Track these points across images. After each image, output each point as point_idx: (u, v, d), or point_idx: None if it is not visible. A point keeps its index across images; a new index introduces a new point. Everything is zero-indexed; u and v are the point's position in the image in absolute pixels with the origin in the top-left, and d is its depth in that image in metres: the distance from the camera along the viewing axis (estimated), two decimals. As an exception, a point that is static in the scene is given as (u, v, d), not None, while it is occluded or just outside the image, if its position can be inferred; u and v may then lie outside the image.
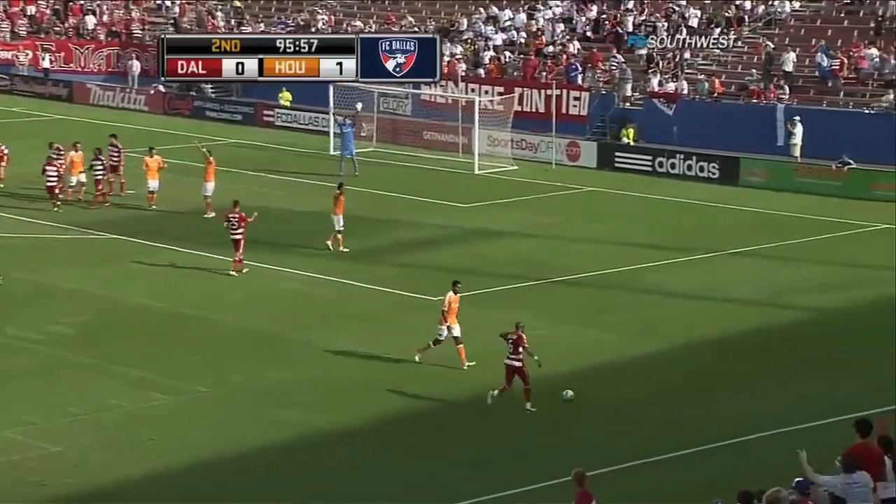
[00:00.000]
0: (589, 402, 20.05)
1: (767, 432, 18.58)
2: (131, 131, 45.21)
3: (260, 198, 33.40)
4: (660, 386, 20.84)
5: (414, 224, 32.42)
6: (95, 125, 46.74)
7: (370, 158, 41.50)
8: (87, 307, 24.78)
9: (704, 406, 19.92)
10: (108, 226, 31.28)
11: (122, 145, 36.10)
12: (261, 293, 26.11)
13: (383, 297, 25.87)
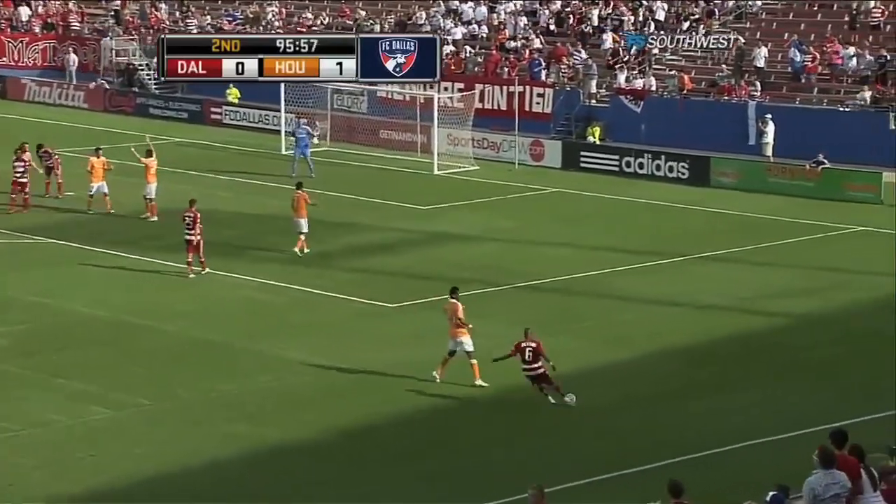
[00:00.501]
0: (556, 412, 20.15)
1: (741, 443, 18.75)
2: (70, 129, 44.88)
3: (207, 200, 33.18)
4: (629, 395, 20.98)
5: (370, 227, 32.43)
6: (30, 123, 46.32)
7: (324, 158, 41.44)
8: (22, 316, 24.55)
9: (676, 416, 20.08)
10: (45, 230, 31.01)
11: (58, 144, 35.82)
12: (210, 301, 26.01)
13: (339, 304, 25.87)
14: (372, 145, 42.80)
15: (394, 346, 23.16)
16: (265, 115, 46.03)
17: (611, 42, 44.99)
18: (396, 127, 43.29)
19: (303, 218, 29.39)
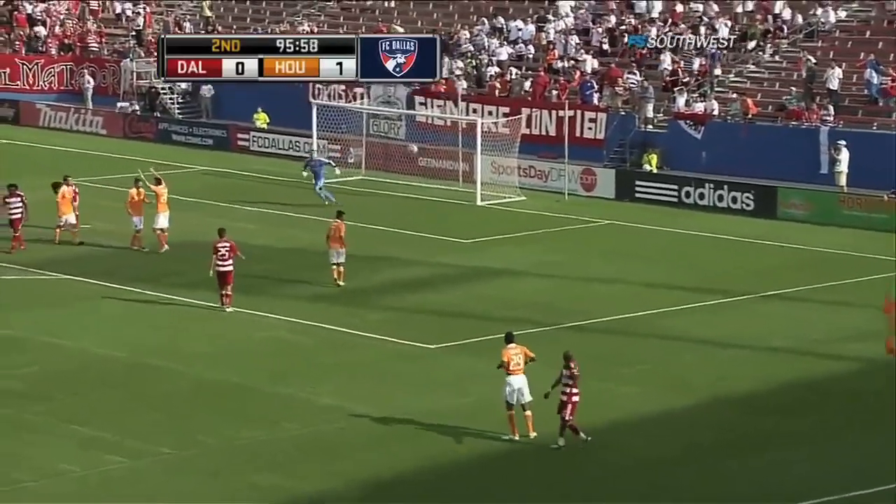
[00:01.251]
0: (609, 461, 20.12)
1: (808, 501, 18.61)
2: (87, 157, 45.49)
3: (233, 232, 33.44)
4: (687, 445, 20.92)
5: (408, 262, 32.58)
6: (46, 150, 46.99)
7: (358, 188, 41.72)
8: (35, 357, 24.85)
9: (737, 468, 19.99)
10: (60, 265, 31.41)
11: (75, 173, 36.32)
12: (234, 341, 26.21)
13: (374, 345, 25.98)
14: (410, 174, 43.05)
15: (434, 392, 23.22)
16: (295, 142, 46.46)
17: (669, 63, 45.09)
18: (437, 154, 43.51)
19: (339, 248, 29.61)
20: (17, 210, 32.50)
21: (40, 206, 36.27)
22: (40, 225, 34.77)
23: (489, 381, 21.70)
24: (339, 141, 44.09)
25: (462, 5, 53.52)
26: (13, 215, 32.42)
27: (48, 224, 34.74)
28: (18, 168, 42.28)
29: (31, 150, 46.98)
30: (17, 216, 32.46)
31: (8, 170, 40.07)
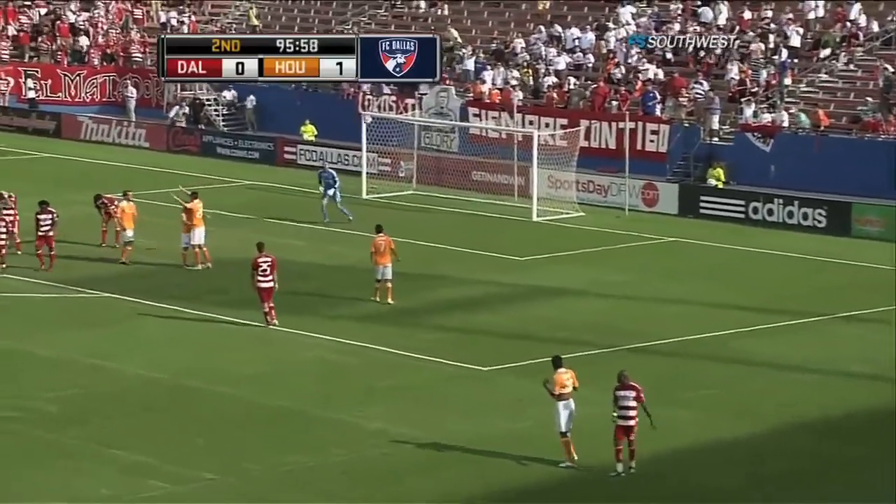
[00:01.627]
0: (669, 491, 20.00)
1: (885, 533, 18.40)
2: (130, 171, 45.96)
3: (279, 248, 33.66)
4: (751, 474, 20.77)
5: (461, 280, 32.61)
6: (87, 164, 47.53)
7: (409, 203, 41.85)
8: (74, 379, 25.11)
9: (811, 500, 19.79)
10: (101, 283, 31.74)
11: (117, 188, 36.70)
12: (279, 362, 26.35)
13: (425, 366, 26.01)
14: (463, 188, 43.13)
15: (487, 416, 23.21)
16: (344, 155, 46.68)
17: (736, 72, 44.88)
18: (491, 168, 43.56)
19: (387, 264, 29.71)
20: (46, 227, 32.65)
21: (81, 222, 36.72)
22: (82, 241, 35.20)
23: (545, 404, 21.65)
24: (389, 154, 44.27)
25: (518, 12, 53.60)
26: (41, 232, 32.54)
27: (90, 241, 35.15)
28: (59, 182, 42.84)
29: (73, 164, 47.54)
30: (47, 232, 32.54)
31: (49, 184, 40.59)
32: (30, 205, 34.12)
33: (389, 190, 43.01)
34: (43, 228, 32.73)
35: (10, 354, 26.33)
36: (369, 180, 43.09)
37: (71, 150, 50.35)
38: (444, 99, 47.71)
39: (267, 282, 27.94)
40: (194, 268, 32.85)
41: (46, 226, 32.75)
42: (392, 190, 43.05)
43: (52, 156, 49.31)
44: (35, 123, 54.49)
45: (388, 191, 42.97)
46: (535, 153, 40.76)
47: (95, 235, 35.22)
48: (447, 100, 47.69)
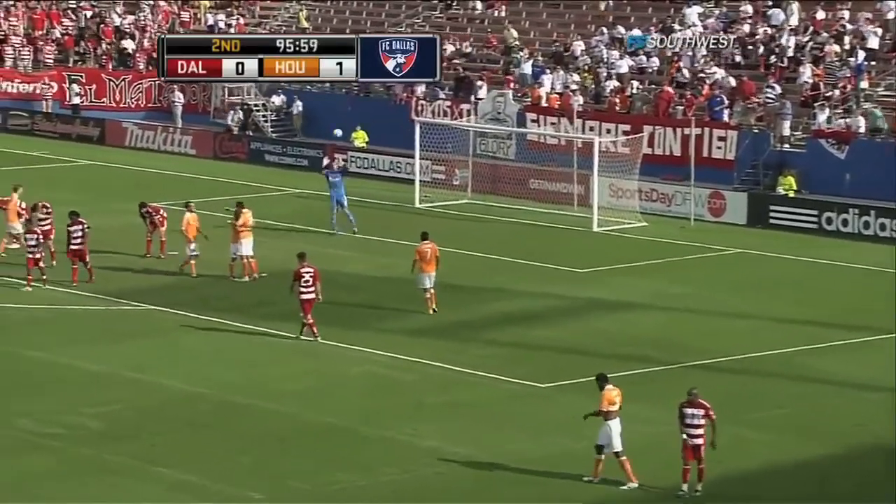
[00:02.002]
0: (735, 518, 19.89)
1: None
2: (176, 179, 46.37)
3: (328, 259, 33.92)
4: (827, 498, 20.61)
5: (517, 293, 32.61)
6: (131, 172, 48.00)
7: (463, 213, 41.90)
8: (117, 394, 25.35)
9: (883, 526, 19.62)
10: (145, 295, 32.03)
11: (161, 196, 37.03)
12: (327, 378, 26.47)
13: (480, 383, 26.02)
14: (520, 197, 43.14)
15: (544, 435, 23.18)
16: (396, 163, 46.87)
17: (809, 75, 44.58)
18: (549, 176, 43.55)
19: (432, 272, 29.79)
20: (77, 240, 32.57)
21: (125, 232, 37.10)
22: (126, 251, 35.55)
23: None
24: (443, 161, 44.39)
25: (579, 13, 53.57)
26: (73, 246, 32.48)
27: (134, 251, 35.50)
28: (103, 191, 43.31)
29: (117, 172, 48.04)
30: (77, 247, 32.49)
31: (92, 192, 41.03)
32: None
33: (443, 199, 43.08)
34: (74, 242, 32.64)
35: (52, 368, 26.64)
36: (422, 188, 43.21)
37: (115, 157, 50.87)
38: (500, 104, 47.78)
39: (308, 293, 28.08)
40: (241, 279, 33.07)
41: (77, 238, 32.64)
42: (446, 199, 43.13)
43: (95, 163, 49.84)
44: (79, 130, 55.13)
45: (442, 199, 43.04)
46: (595, 160, 40.69)
47: (140, 245, 35.56)
48: (504, 105, 47.76)
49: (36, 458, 22.04)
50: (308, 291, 28.13)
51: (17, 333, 28.71)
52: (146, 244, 35.41)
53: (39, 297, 31.31)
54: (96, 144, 53.74)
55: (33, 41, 60.12)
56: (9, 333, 28.68)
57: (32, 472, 21.62)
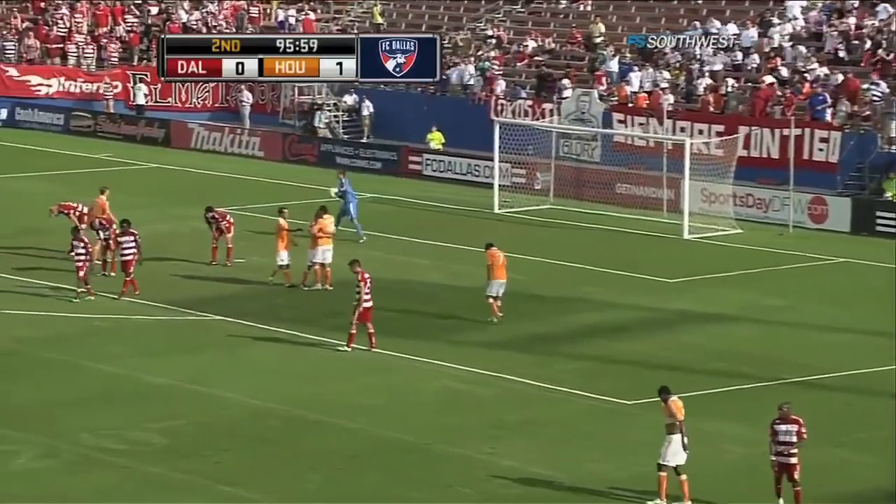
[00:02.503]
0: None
1: None
2: (244, 182, 46.83)
3: (400, 268, 34.11)
4: (933, 527, 20.36)
5: (602, 304, 32.56)
6: (197, 175, 48.51)
7: (545, 219, 41.90)
8: (181, 408, 25.66)
9: None
10: (210, 304, 32.38)
11: (228, 201, 37.34)
12: (401, 392, 26.61)
13: (561, 399, 26.03)
14: (606, 202, 43.06)
15: (630, 455, 23.14)
16: (475, 166, 46.96)
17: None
18: (637, 180, 43.44)
19: (502, 280, 29.86)
20: (128, 250, 32.54)
21: (190, 238, 37.53)
22: (190, 259, 35.95)
23: (696, 443, 21.53)
24: (524, 164, 44.42)
25: (670, 7, 53.38)
26: (125, 256, 32.56)
27: (198, 258, 35.88)
28: (167, 195, 43.84)
29: (182, 175, 48.58)
30: (128, 257, 32.55)
31: (156, 196, 41.54)
32: (137, 220, 34.81)
33: (524, 204, 43.11)
34: (125, 254, 32.57)
35: (115, 380, 27.01)
36: (502, 193, 43.27)
37: (180, 159, 51.36)
38: (585, 103, 47.74)
39: (368, 300, 28.20)
40: (313, 287, 33.26)
41: (129, 250, 32.47)
42: (527, 204, 43.15)
43: (160, 166, 50.45)
44: (143, 131, 55.74)
45: (523, 205, 43.07)
46: (686, 163, 40.52)
47: (205, 252, 35.96)
48: (589, 104, 47.72)
49: (99, 475, 22.36)
50: (369, 299, 28.24)
51: (78, 345, 29.14)
52: (212, 251, 35.77)
53: (100, 306, 31.75)
54: (161, 146, 54.29)
55: (97, 39, 60.94)
56: (69, 345, 29.13)
57: (96, 489, 21.91)
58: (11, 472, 22.35)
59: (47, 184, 46.00)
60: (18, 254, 35.89)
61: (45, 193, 42.13)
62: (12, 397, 25.78)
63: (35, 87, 59.24)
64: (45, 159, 51.21)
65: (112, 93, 58.39)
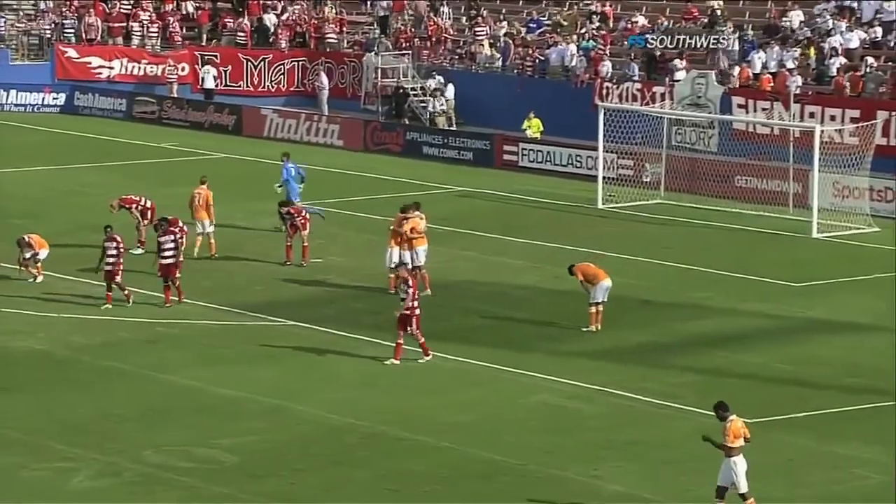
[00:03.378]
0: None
1: None
2: (321, 175, 47.06)
3: (492, 269, 34.11)
4: None
5: (718, 310, 32.37)
6: (270, 166, 48.85)
7: (655, 215, 41.73)
8: (254, 424, 25.82)
9: None
10: (285, 308, 32.58)
11: (306, 195, 37.60)
12: (494, 408, 26.61)
13: (673, 416, 25.90)
14: (723, 197, 42.83)
15: (753, 479, 22.97)
16: (576, 156, 46.89)
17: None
18: (759, 172, 43.15)
19: (603, 282, 29.89)
20: (168, 254, 32.01)
21: (264, 236, 37.83)
22: (263, 259, 36.23)
23: (826, 468, 21.31)
24: (632, 154, 44.25)
25: (797, -22, 52.98)
26: (164, 260, 32.00)
27: (272, 258, 36.14)
28: (237, 187, 44.19)
29: (254, 166, 48.97)
30: (168, 261, 32.00)
31: (226, 189, 41.85)
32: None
33: (631, 198, 42.97)
34: (164, 256, 32.02)
35: (182, 393, 27.25)
36: (606, 186, 43.16)
37: (252, 149, 51.73)
38: (701, 86, 47.46)
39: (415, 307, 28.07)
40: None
41: (169, 251, 32.01)
42: (635, 198, 43.00)
43: (230, 156, 50.87)
44: (212, 118, 56.24)
45: (630, 199, 42.93)
46: (816, 153, 40.18)
47: (278, 251, 36.22)
48: (705, 87, 47.43)
49: (165, 496, 22.56)
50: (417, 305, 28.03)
51: (139, 353, 29.47)
52: (286, 250, 36.01)
53: (162, 310, 32.08)
54: (231, 135, 54.73)
55: (163, 17, 61.48)
56: (129, 352, 29.46)
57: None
58: (70, 490, 22.64)
59: (108, 175, 46.61)
60: (76, 252, 36.29)
61: (106, 186, 42.70)
62: (70, 410, 26.14)
63: (96, 69, 59.92)
64: (105, 148, 51.89)
65: (176, 75, 58.78)
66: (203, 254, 35.90)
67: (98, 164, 49.15)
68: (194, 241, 35.66)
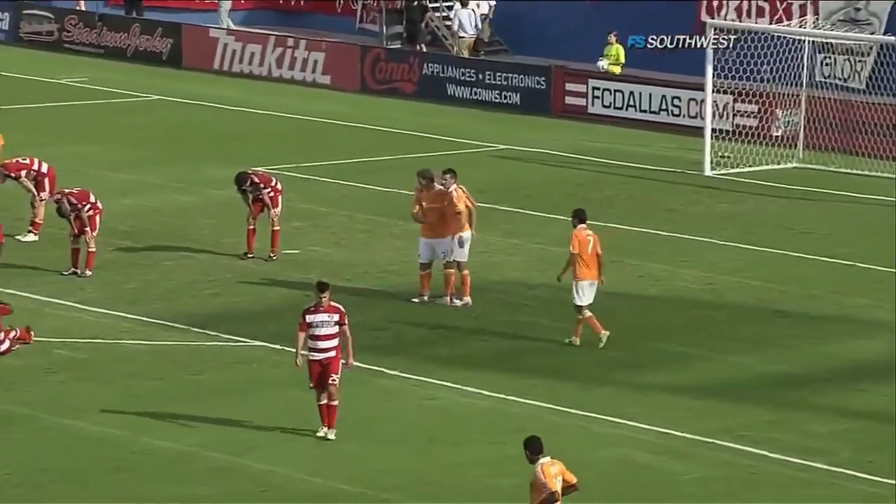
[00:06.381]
0: None
1: None
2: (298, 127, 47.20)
3: (549, 266, 34.08)
4: None
5: (882, 326, 32.34)
6: (224, 115, 49.06)
7: (789, 185, 41.94)
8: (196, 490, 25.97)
9: None
10: (244, 322, 32.74)
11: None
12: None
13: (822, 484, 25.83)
14: (891, 158, 42.78)
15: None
16: (673, 99, 46.95)
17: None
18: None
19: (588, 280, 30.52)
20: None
21: (215, 216, 37.99)
22: (216, 250, 36.40)
23: None
24: (755, 96, 44.31)
25: None
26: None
27: (227, 249, 36.30)
28: (178, 148, 44.30)
29: (200, 114, 49.11)
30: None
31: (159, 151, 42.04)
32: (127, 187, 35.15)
33: (755, 161, 43.13)
34: None
35: (95, 445, 27.40)
36: (717, 143, 43.24)
37: (197, 88, 52.27)
38: (860, -1, 47.61)
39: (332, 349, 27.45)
40: (440, 301, 33.11)
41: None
42: (760, 161, 43.14)
43: (163, 98, 51.22)
44: (138, 42, 56.82)
45: (753, 162, 43.10)
46: None
47: (235, 239, 36.34)
48: (866, 0, 47.55)
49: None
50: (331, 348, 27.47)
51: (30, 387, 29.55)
52: (248, 237, 36.03)
53: (65, 327, 32.24)
54: (167, 66, 55.21)
55: None
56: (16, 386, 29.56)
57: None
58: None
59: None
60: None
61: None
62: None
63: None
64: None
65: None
66: None
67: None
68: None
